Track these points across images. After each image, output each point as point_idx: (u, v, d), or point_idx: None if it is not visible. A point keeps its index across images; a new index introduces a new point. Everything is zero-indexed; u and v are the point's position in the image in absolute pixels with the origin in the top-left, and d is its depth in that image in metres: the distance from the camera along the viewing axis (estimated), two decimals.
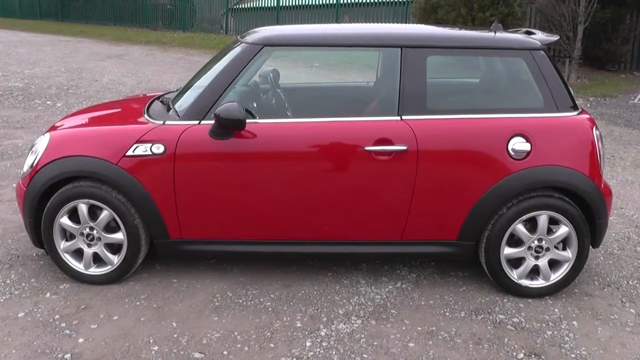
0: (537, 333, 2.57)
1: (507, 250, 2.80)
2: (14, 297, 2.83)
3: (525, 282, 2.84)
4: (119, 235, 2.85)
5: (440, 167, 2.70)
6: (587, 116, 2.80)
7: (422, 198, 2.73)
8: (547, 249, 2.80)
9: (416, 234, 2.82)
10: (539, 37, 2.86)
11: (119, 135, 2.81)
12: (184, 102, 2.92)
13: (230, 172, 2.73)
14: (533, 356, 2.41)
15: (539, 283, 2.84)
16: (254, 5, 16.63)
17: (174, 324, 2.59)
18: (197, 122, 2.73)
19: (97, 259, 2.92)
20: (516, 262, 2.84)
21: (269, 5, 16.14)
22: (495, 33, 2.92)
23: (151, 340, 2.47)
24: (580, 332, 2.59)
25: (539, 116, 2.74)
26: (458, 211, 2.75)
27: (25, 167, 2.96)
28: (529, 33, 3.00)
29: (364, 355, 2.38)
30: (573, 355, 2.42)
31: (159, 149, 2.72)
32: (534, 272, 2.85)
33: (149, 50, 13.83)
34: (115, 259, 2.90)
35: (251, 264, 3.12)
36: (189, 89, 3.22)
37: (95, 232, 2.86)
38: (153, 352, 2.39)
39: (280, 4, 15.83)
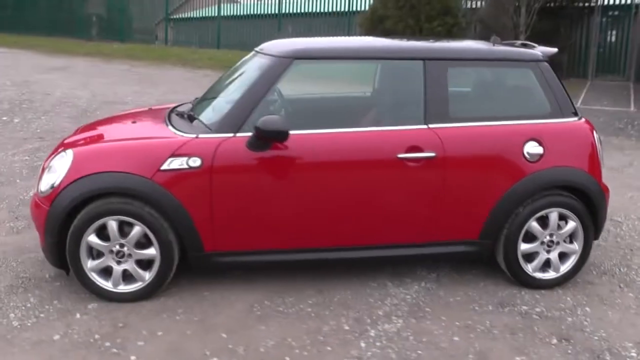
0: (559, 320, 2.82)
1: (523, 246, 3.03)
2: (41, 320, 2.71)
3: (539, 275, 3.09)
4: (151, 251, 2.81)
5: (464, 171, 2.90)
6: (586, 121, 3.11)
7: (449, 201, 2.92)
8: (557, 243, 3.06)
9: (441, 235, 3.00)
10: (541, 49, 3.14)
11: (152, 150, 2.78)
12: (213, 115, 2.94)
13: (268, 182, 2.78)
14: (564, 341, 2.64)
15: (550, 275, 3.10)
16: (194, 16, 16.42)
17: (224, 335, 2.60)
18: (232, 134, 2.77)
19: (126, 276, 2.87)
20: (529, 257, 3.08)
21: (210, 15, 16.02)
22: (494, 45, 3.18)
23: (208, 353, 2.47)
24: (594, 317, 2.86)
25: (548, 122, 3.01)
26: (480, 212, 2.96)
27: (44, 187, 2.85)
28: (524, 45, 3.28)
29: (418, 352, 2.51)
30: (596, 338, 2.68)
31: (195, 162, 2.72)
32: (545, 265, 3.11)
33: (92, 62, 13.33)
34: (147, 275, 2.85)
35: (278, 273, 3.15)
36: (207, 100, 3.24)
37: (125, 248, 2.81)
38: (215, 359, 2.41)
39: (222, 14, 15.75)
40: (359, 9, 14.86)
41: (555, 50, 3.13)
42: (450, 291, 3.07)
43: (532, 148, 2.93)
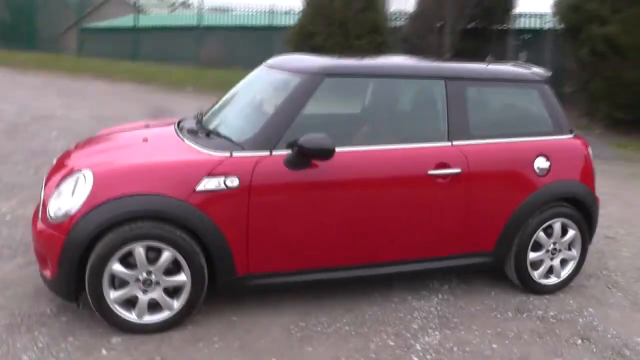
0: (573, 322, 3.03)
1: (531, 255, 3.23)
2: None
3: (544, 281, 3.30)
4: (181, 277, 2.65)
5: (485, 185, 3.05)
6: (581, 138, 3.40)
7: (471, 214, 3.05)
8: (559, 250, 3.30)
9: (462, 247, 3.11)
10: (540, 71, 3.38)
11: (185, 169, 2.62)
12: (241, 132, 2.84)
13: (305, 201, 2.74)
14: (585, 341, 2.85)
15: (552, 280, 3.33)
16: (107, 26, 15.59)
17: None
18: (267, 152, 2.69)
19: (150, 306, 2.67)
20: (535, 265, 3.29)
21: (125, 25, 15.30)
22: (488, 64, 3.38)
23: None
24: (599, 317, 3.11)
25: (552, 138, 3.26)
26: (497, 224, 3.12)
27: (56, 213, 2.58)
28: (515, 66, 3.51)
29: None
30: (609, 336, 2.92)
31: (233, 182, 2.61)
32: (548, 271, 3.33)
33: (5, 72, 12.15)
34: (175, 304, 2.68)
35: (302, 293, 3.08)
36: (222, 116, 3.14)
37: (153, 276, 2.62)
38: None
39: (138, 25, 15.12)
40: (281, 23, 14.97)
41: (550, 73, 3.40)
42: (468, 301, 3.19)
43: (541, 163, 3.15)
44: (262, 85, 3.21)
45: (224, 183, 2.60)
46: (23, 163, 5.49)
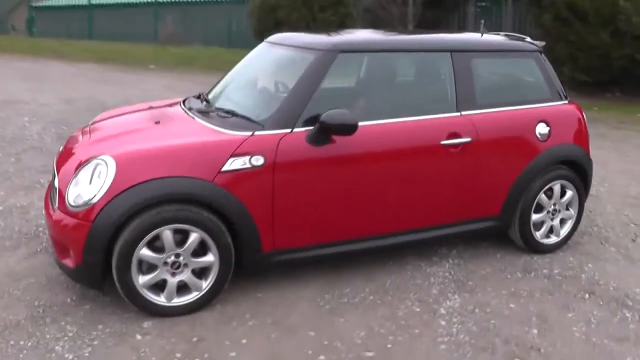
0: (577, 278, 3.21)
1: (534, 217, 3.39)
2: (98, 348, 2.44)
3: (545, 241, 3.47)
4: (209, 258, 2.66)
5: (493, 153, 3.16)
6: (575, 103, 3.54)
7: (480, 181, 3.16)
8: (559, 211, 3.47)
9: (471, 213, 3.23)
10: (533, 41, 3.49)
11: (210, 150, 2.61)
12: (259, 110, 2.83)
13: (328, 176, 2.78)
14: (591, 295, 3.03)
15: (553, 240, 3.50)
16: (59, 4, 14.86)
17: (312, 333, 2.57)
18: (289, 130, 2.70)
19: (179, 288, 2.67)
20: (537, 226, 3.45)
21: (79, 3, 14.61)
22: (482, 36, 3.47)
23: (310, 352, 2.43)
24: (599, 271, 3.31)
25: (550, 105, 3.39)
26: (503, 189, 3.25)
27: (76, 200, 2.53)
28: (513, 37, 3.61)
29: (492, 322, 2.72)
30: (611, 289, 3.11)
31: (258, 160, 2.62)
32: (549, 231, 3.50)
33: None
34: (204, 284, 2.69)
35: (319, 266, 3.14)
36: (231, 95, 3.13)
37: (181, 258, 2.61)
38: (321, 358, 2.38)
39: (93, 3, 14.48)
40: None
41: (544, 43, 3.51)
42: (478, 265, 3.33)
43: (542, 129, 3.28)
44: (270, 63, 3.19)
45: (250, 162, 2.61)
46: (1, 151, 5.27)
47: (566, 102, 3.48)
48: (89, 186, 2.54)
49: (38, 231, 3.62)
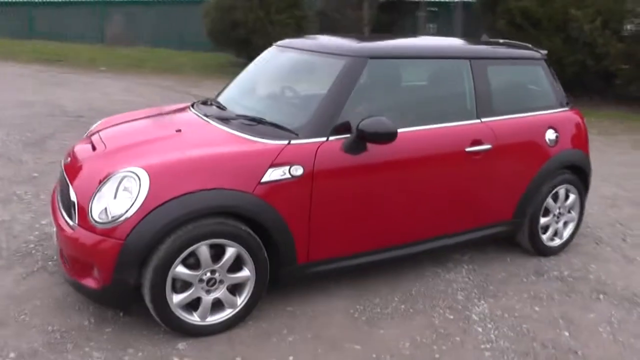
0: (586, 279, 3.33)
1: (542, 220, 3.49)
2: None
3: (550, 244, 3.59)
4: (244, 273, 2.55)
5: (510, 158, 3.22)
6: (577, 109, 3.68)
7: (498, 187, 3.22)
8: (563, 214, 3.60)
9: (487, 219, 3.28)
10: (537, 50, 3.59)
11: (248, 160, 2.50)
12: (291, 118, 2.74)
13: (363, 184, 2.74)
14: (604, 295, 3.16)
15: (556, 242, 3.62)
16: None
17: (358, 347, 2.52)
18: (324, 138, 2.63)
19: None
20: (543, 229, 3.55)
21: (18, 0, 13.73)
22: (486, 42, 3.55)
23: None
24: (604, 272, 3.44)
25: (556, 111, 3.50)
26: (516, 194, 3.32)
27: (102, 216, 2.36)
28: (514, 45, 3.70)
29: (523, 326, 2.77)
30: (619, 288, 3.25)
31: (297, 170, 2.53)
32: (554, 234, 3.61)
33: None
34: (238, 300, 2.57)
35: (341, 277, 3.09)
36: (251, 101, 3.03)
37: (217, 275, 2.49)
38: None
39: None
40: None
41: (546, 52, 3.62)
42: (492, 269, 3.38)
43: (551, 135, 3.38)
44: (289, 68, 3.11)
45: (289, 172, 2.52)
46: None
47: (568, 108, 3.62)
48: (116, 201, 2.37)
49: (29, 248, 3.35)
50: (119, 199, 2.37)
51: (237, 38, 11.97)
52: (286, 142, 2.59)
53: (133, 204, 2.32)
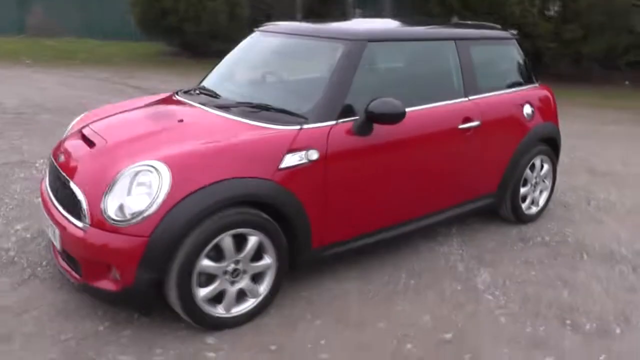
0: (567, 242, 3.56)
1: (522, 190, 3.69)
2: None
3: (528, 212, 3.80)
4: (266, 261, 2.53)
5: (495, 134, 3.37)
6: (546, 85, 3.90)
7: (486, 162, 3.37)
8: (538, 183, 3.82)
9: (475, 193, 3.43)
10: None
11: (264, 148, 2.46)
12: (297, 103, 2.72)
13: (372, 164, 2.78)
14: (585, 255, 3.40)
15: (533, 210, 3.85)
16: None
17: (382, 325, 2.57)
18: (334, 121, 2.64)
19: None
20: (523, 198, 3.76)
21: None
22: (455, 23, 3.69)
23: (395, 342, 2.43)
24: (580, 234, 3.68)
25: (530, 87, 3.70)
26: (501, 167, 3.49)
27: (123, 212, 2.24)
28: (486, 26, 3.85)
29: (526, 290, 2.93)
30: (597, 247, 3.48)
31: (313, 155, 2.53)
32: (531, 202, 3.83)
33: None
34: (260, 289, 2.55)
35: (342, 260, 3.10)
36: (244, 88, 3.02)
37: (240, 265, 2.44)
38: (409, 347, 2.41)
39: None
40: None
41: (516, 31, 3.80)
42: (481, 239, 3.54)
43: (528, 110, 3.57)
44: (282, 53, 3.07)
45: (306, 157, 2.51)
46: None
47: (537, 84, 3.83)
48: (133, 197, 2.26)
49: (10, 256, 3.12)
50: (136, 194, 2.27)
51: (168, 26, 11.61)
52: (298, 127, 2.57)
53: (155, 198, 2.23)
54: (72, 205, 2.45)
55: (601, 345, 2.51)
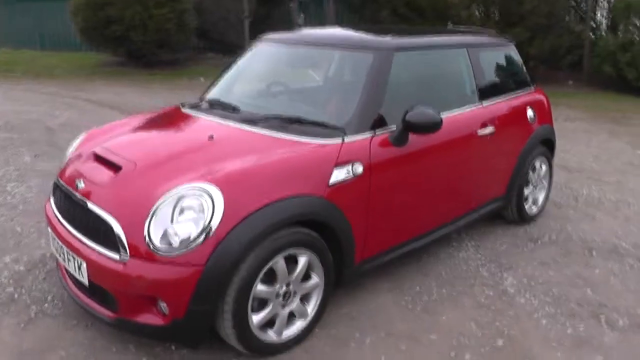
0: (571, 239, 3.67)
1: (525, 191, 3.78)
2: None
3: (530, 212, 3.90)
4: (314, 280, 2.43)
5: (506, 138, 3.44)
6: (540, 89, 4.02)
7: (499, 165, 3.43)
8: (538, 183, 3.93)
9: (489, 196, 3.48)
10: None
11: (312, 164, 2.36)
12: (331, 115, 2.64)
13: (408, 174, 2.76)
14: (593, 251, 3.51)
15: (534, 209, 3.95)
16: None
17: (434, 337, 2.54)
18: (372, 133, 2.58)
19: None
20: (525, 199, 3.84)
21: None
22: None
23: (453, 354, 2.41)
24: (580, 231, 3.80)
25: (529, 91, 3.80)
26: (509, 170, 3.56)
27: (171, 241, 2.08)
28: (477, 32, 3.93)
29: (553, 290, 3.00)
30: (600, 243, 3.62)
31: (358, 168, 2.47)
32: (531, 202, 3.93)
33: None
34: (309, 309, 2.44)
35: (371, 274, 3.04)
36: (258, 99, 2.96)
37: (291, 287, 2.33)
38: (468, 357, 2.39)
39: None
40: None
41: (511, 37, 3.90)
42: (492, 243, 3.59)
43: (530, 113, 3.67)
44: (301, 63, 2.99)
45: (352, 171, 2.44)
46: None
47: (533, 88, 3.94)
48: (181, 224, 2.10)
49: (8, 293, 2.84)
50: (184, 220, 2.11)
51: (113, 35, 11.09)
52: (340, 140, 2.49)
53: (209, 224, 2.08)
54: (99, 234, 2.24)
55: (638, 339, 2.60)
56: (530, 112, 3.67)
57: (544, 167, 3.94)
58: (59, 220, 2.51)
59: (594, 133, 6.96)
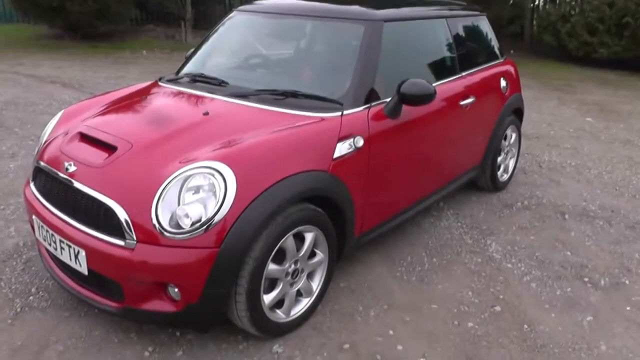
0: (543, 204, 3.83)
1: (498, 159, 3.89)
2: None
3: (502, 179, 4.03)
4: (320, 256, 2.41)
5: (484, 108, 3.50)
6: (510, 59, 4.10)
7: (477, 135, 3.49)
8: (508, 152, 4.05)
9: (468, 165, 3.55)
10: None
11: (316, 138, 2.31)
12: (325, 87, 2.58)
13: (402, 145, 2.75)
14: (564, 215, 3.68)
15: (505, 177, 4.08)
16: None
17: (435, 306, 2.59)
18: (367, 105, 2.55)
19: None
20: (498, 167, 3.96)
21: None
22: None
23: (456, 322, 2.47)
24: (550, 195, 3.97)
25: (501, 61, 3.87)
26: (485, 139, 3.64)
27: (181, 223, 1.98)
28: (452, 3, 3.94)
29: (536, 254, 3.12)
30: (570, 207, 3.79)
31: (359, 142, 2.44)
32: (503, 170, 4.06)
33: None
34: (314, 286, 2.43)
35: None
36: (244, 72, 2.90)
37: (299, 265, 2.30)
38: (470, 325, 2.45)
39: None
40: None
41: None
42: (470, 210, 3.68)
43: (503, 83, 3.75)
44: (287, 35, 2.89)
45: (354, 144, 2.41)
46: None
47: (504, 58, 4.03)
48: (191, 204, 2.01)
49: None
50: (195, 201, 2.02)
51: (49, 6, 10.35)
52: (339, 113, 2.45)
53: (221, 204, 2.00)
54: (97, 220, 2.12)
55: (620, 297, 2.76)
56: (503, 82, 3.75)
57: (514, 135, 4.07)
58: (44, 206, 2.34)
59: (544, 100, 7.24)
